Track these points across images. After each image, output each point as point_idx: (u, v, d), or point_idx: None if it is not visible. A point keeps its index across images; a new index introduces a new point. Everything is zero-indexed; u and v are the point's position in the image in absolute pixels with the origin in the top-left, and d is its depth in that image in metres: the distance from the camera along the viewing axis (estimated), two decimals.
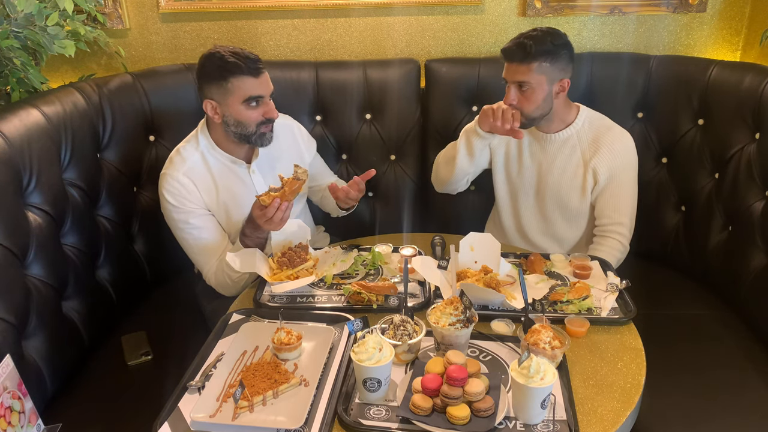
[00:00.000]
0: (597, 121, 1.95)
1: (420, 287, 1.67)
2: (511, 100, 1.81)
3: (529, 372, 1.16)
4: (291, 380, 1.28)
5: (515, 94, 1.81)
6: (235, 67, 1.69)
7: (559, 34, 1.80)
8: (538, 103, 1.82)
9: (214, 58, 1.72)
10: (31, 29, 1.91)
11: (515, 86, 1.80)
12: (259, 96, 1.74)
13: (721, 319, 1.93)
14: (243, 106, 1.73)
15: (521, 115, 1.82)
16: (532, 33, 1.78)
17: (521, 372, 1.18)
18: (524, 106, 1.82)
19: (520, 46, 1.76)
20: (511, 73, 1.80)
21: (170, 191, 1.79)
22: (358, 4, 2.37)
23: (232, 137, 1.80)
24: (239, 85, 1.71)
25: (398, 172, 2.38)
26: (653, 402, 1.50)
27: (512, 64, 1.79)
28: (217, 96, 1.74)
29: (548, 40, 1.76)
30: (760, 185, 1.90)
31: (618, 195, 1.93)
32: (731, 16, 2.35)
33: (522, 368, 1.18)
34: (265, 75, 1.75)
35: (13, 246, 1.51)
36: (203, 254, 1.82)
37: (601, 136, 1.91)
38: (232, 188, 1.86)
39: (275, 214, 1.63)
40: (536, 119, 1.87)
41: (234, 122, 1.76)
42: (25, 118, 1.71)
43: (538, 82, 1.78)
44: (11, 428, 1.17)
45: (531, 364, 1.17)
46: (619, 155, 1.90)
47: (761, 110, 1.91)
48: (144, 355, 1.79)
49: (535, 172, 2.00)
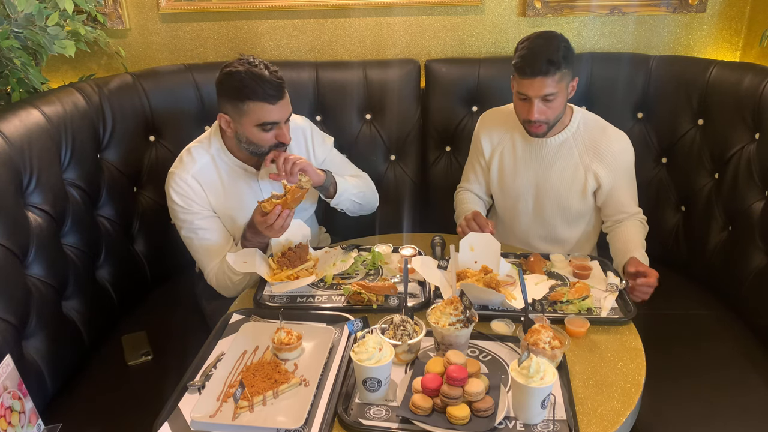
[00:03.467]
0: (592, 122, 1.93)
1: (420, 287, 1.67)
2: (537, 115, 1.76)
3: (529, 372, 1.16)
4: (291, 380, 1.29)
5: (540, 107, 1.75)
6: (252, 93, 1.65)
7: (561, 35, 1.77)
8: (560, 108, 1.80)
9: (233, 78, 1.67)
10: (31, 29, 1.91)
11: (539, 99, 1.74)
12: (273, 123, 1.71)
13: (721, 319, 1.93)
14: (256, 128, 1.70)
15: (545, 125, 1.81)
16: (542, 42, 1.73)
17: (521, 372, 1.18)
18: (549, 116, 1.78)
19: (545, 61, 1.68)
20: (536, 89, 1.72)
21: (177, 191, 1.78)
22: (358, 4, 2.37)
23: (243, 150, 1.79)
24: (255, 109, 1.67)
25: (398, 172, 2.38)
26: (653, 402, 1.50)
27: (535, 80, 1.71)
28: (232, 113, 1.71)
29: (561, 45, 1.72)
30: (760, 185, 1.90)
31: (625, 193, 1.93)
32: (731, 16, 2.35)
33: (522, 368, 1.18)
34: (283, 101, 1.70)
35: (14, 246, 1.51)
36: (206, 255, 1.82)
37: (599, 138, 1.89)
38: (239, 193, 1.85)
39: (276, 221, 1.63)
40: (555, 123, 1.84)
41: (246, 140, 1.74)
42: (26, 119, 1.71)
43: (561, 89, 1.75)
44: (11, 428, 1.17)
45: (531, 364, 1.17)
46: (619, 158, 1.89)
47: (761, 110, 1.91)
48: (144, 355, 1.79)
49: (533, 179, 1.96)
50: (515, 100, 1.84)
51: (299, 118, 1.99)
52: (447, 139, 2.36)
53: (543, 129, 1.82)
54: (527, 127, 1.84)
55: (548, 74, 1.70)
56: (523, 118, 1.82)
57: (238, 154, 1.83)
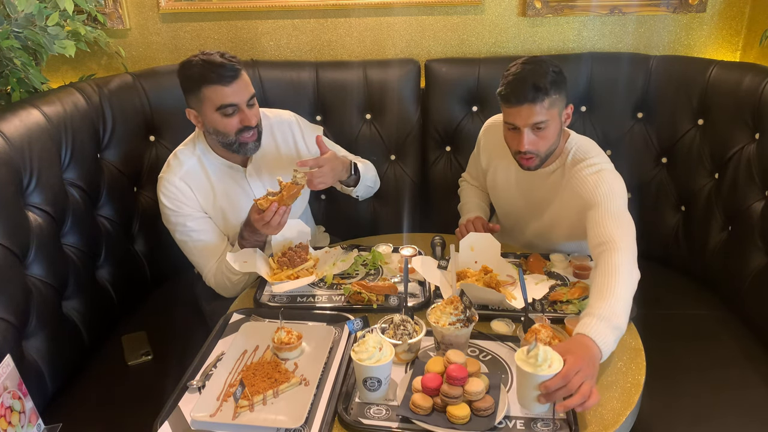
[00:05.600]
0: (579, 153, 1.73)
1: (420, 287, 1.67)
2: (527, 146, 1.63)
3: (537, 360, 1.16)
4: (291, 380, 1.29)
5: (531, 137, 1.63)
6: (202, 77, 1.65)
7: (550, 60, 1.65)
8: (554, 138, 1.67)
9: (185, 67, 1.69)
10: (31, 29, 1.91)
11: (529, 129, 1.62)
12: (231, 104, 1.68)
13: (721, 319, 1.93)
14: (218, 114, 1.69)
15: (536, 158, 1.67)
16: (530, 68, 1.61)
17: (528, 361, 1.17)
18: (540, 147, 1.66)
19: (531, 86, 1.57)
20: (524, 117, 1.60)
21: (167, 195, 1.78)
22: (358, 4, 2.37)
23: (215, 142, 1.79)
24: (209, 94, 1.67)
25: (398, 172, 2.38)
26: (653, 402, 1.50)
27: (522, 107, 1.59)
28: (194, 105, 1.72)
29: (550, 70, 1.60)
30: (760, 185, 1.90)
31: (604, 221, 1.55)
32: (731, 16, 2.35)
33: (530, 357, 1.17)
34: (239, 82, 1.67)
35: (14, 246, 1.51)
36: (202, 256, 1.82)
37: (580, 171, 1.69)
38: (229, 192, 1.85)
39: (273, 218, 1.63)
40: (549, 156, 1.72)
41: (213, 131, 1.73)
42: (26, 118, 1.71)
43: (552, 117, 1.62)
44: (11, 428, 1.17)
45: (539, 352, 1.16)
46: (590, 184, 1.65)
47: (761, 110, 1.91)
48: (144, 355, 1.79)
49: (524, 205, 1.90)
50: (504, 131, 1.72)
51: (286, 113, 1.99)
52: (447, 139, 2.36)
53: (534, 162, 1.69)
54: (518, 159, 1.71)
55: (535, 101, 1.58)
56: (514, 149, 1.70)
57: (220, 152, 1.82)
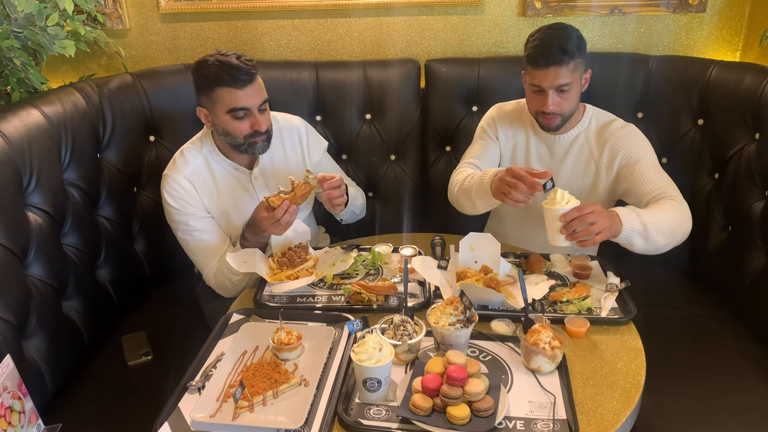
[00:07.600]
0: (602, 117, 1.90)
1: (420, 287, 1.67)
2: (552, 107, 1.74)
3: (556, 199, 1.51)
4: (291, 380, 1.29)
5: (555, 99, 1.73)
6: (217, 77, 1.66)
7: (572, 26, 1.75)
8: (575, 101, 1.78)
9: (203, 67, 1.69)
10: (31, 29, 1.91)
11: (554, 90, 1.72)
12: (243, 108, 1.69)
13: (721, 319, 1.93)
14: (229, 116, 1.70)
15: (560, 117, 1.78)
16: (556, 33, 1.71)
17: (549, 202, 1.52)
18: (564, 108, 1.76)
19: (558, 49, 1.67)
20: (551, 79, 1.70)
21: (171, 193, 1.78)
22: (358, 4, 2.38)
23: (224, 143, 1.79)
24: (223, 96, 1.67)
25: (398, 172, 2.38)
26: (653, 402, 1.50)
27: (549, 69, 1.69)
28: (206, 104, 1.73)
29: (574, 35, 1.70)
30: (760, 185, 1.90)
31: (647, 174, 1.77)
32: (731, 16, 2.35)
33: (550, 200, 1.53)
34: (253, 86, 1.68)
35: (14, 246, 1.51)
36: (204, 256, 1.82)
37: (605, 129, 1.86)
38: (234, 194, 1.85)
39: (283, 216, 1.62)
40: (569, 118, 1.82)
41: (223, 132, 1.74)
42: (26, 119, 1.71)
43: (575, 79, 1.73)
44: (11, 428, 1.17)
45: (556, 194, 1.51)
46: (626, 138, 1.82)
47: (761, 110, 1.91)
48: (144, 355, 1.79)
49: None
50: (528, 94, 1.81)
51: (295, 119, 2.00)
52: (447, 139, 2.36)
53: (557, 121, 1.79)
54: (540, 119, 1.81)
55: (562, 63, 1.68)
56: (537, 109, 1.79)
57: (227, 153, 1.83)
